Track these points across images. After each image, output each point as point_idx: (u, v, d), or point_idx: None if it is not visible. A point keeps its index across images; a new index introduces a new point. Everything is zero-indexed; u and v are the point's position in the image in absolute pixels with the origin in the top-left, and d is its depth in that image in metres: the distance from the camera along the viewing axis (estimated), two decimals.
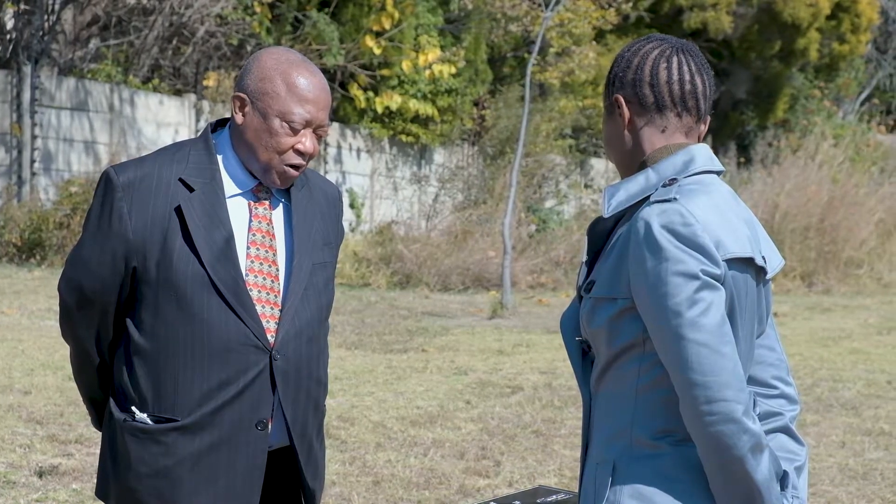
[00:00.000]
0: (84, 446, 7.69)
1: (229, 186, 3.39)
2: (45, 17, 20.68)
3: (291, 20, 23.36)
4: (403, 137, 25.36)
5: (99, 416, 3.60)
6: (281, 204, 3.47)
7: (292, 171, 3.38)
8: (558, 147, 25.50)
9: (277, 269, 3.41)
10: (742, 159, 30.69)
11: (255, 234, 3.39)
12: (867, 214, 22.93)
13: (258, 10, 22.45)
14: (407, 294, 18.13)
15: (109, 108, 20.51)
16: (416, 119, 25.14)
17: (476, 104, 26.79)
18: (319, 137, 3.42)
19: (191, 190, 3.32)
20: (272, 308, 3.38)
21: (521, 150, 17.78)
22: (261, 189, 3.43)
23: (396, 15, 23.61)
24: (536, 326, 14.86)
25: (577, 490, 3.07)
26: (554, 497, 4.27)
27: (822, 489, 7.50)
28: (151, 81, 22.28)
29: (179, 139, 21.46)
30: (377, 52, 23.48)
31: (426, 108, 24.84)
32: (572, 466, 7.82)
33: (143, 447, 3.33)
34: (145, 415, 3.33)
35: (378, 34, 23.58)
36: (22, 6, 20.34)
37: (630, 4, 21.80)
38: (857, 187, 23.55)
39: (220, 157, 3.41)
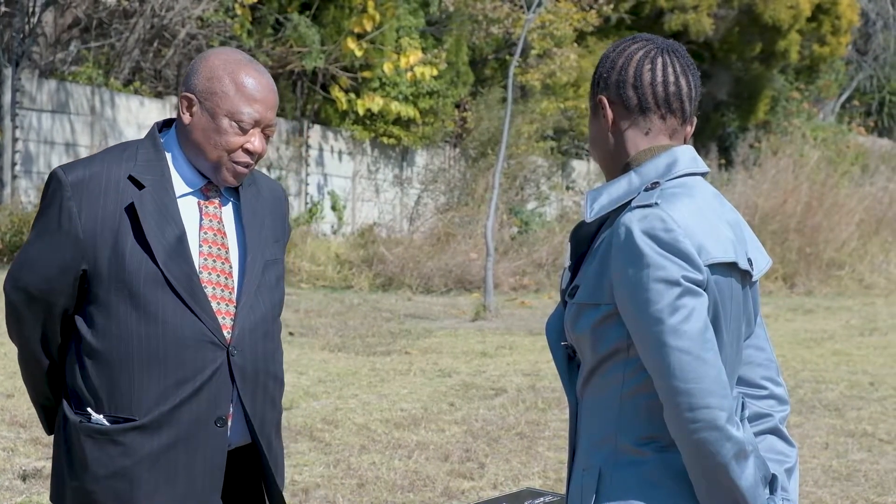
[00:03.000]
0: None
1: (179, 185, 3.40)
2: (26, 19, 20.61)
3: (272, 22, 23.32)
4: (385, 139, 25.33)
5: (49, 421, 3.58)
6: (230, 202, 3.48)
7: (242, 170, 3.39)
8: (540, 149, 25.53)
9: (231, 267, 3.41)
10: (723, 161, 30.75)
11: (206, 232, 3.39)
12: (848, 215, 22.97)
13: (239, 12, 22.41)
14: (389, 296, 18.12)
15: (90, 110, 20.45)
16: (398, 121, 25.12)
17: (457, 106, 26.78)
18: (267, 137, 3.43)
19: (140, 187, 3.31)
20: (227, 305, 3.38)
21: (503, 151, 17.78)
22: (210, 188, 3.43)
23: (378, 17, 23.59)
24: (519, 328, 14.86)
25: (563, 493, 3.07)
26: (541, 499, 4.27)
27: (806, 490, 7.52)
28: (132, 84, 22.22)
29: None
30: (358, 54, 23.45)
31: (408, 110, 24.82)
32: (557, 468, 7.83)
33: (101, 448, 3.30)
34: (101, 416, 3.30)
35: (359, 36, 23.55)
36: (2, 8, 20.26)
37: (611, 6, 21.85)
38: (837, 188, 23.60)
39: (168, 156, 3.41)
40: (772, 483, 2.76)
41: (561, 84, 25.13)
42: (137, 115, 21.30)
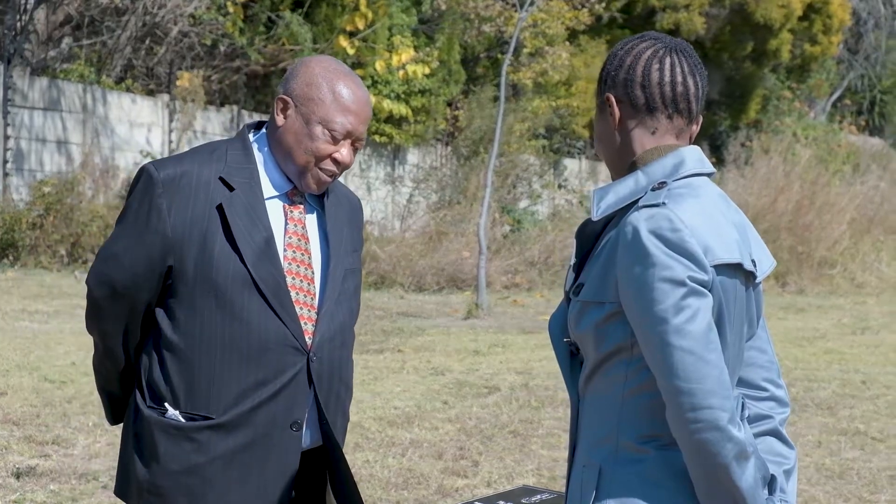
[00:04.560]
0: (61, 447, 7.66)
1: (267, 188, 3.41)
2: (18, 16, 20.58)
3: (264, 20, 23.31)
4: (377, 138, 25.32)
5: (114, 410, 3.57)
6: (314, 208, 3.50)
7: (326, 178, 3.41)
8: (532, 147, 25.53)
9: (313, 272, 3.42)
10: (714, 160, 30.77)
11: (290, 236, 3.40)
12: (839, 214, 23.00)
13: (231, 10, 22.39)
14: (382, 294, 18.12)
15: (82, 107, 20.42)
16: (390, 119, 25.10)
17: (449, 104, 26.77)
18: (356, 150, 3.45)
19: (231, 189, 3.32)
20: (309, 311, 3.39)
21: (495, 150, 17.79)
22: (295, 193, 3.44)
23: (370, 15, 23.59)
24: (512, 327, 14.87)
25: (558, 489, 3.06)
26: (538, 497, 4.27)
27: (800, 488, 7.53)
28: (124, 81, 22.20)
29: (152, 139, 21.41)
30: (351, 52, 23.45)
31: (400, 109, 24.81)
32: (550, 466, 7.83)
33: (175, 444, 3.31)
34: (177, 412, 3.31)
35: (351, 34, 23.55)
36: None
37: (603, 5, 21.85)
38: (828, 187, 23.64)
39: (259, 158, 3.43)
40: (770, 484, 2.77)
41: (553, 82, 25.14)
42: (129, 112, 21.28)
